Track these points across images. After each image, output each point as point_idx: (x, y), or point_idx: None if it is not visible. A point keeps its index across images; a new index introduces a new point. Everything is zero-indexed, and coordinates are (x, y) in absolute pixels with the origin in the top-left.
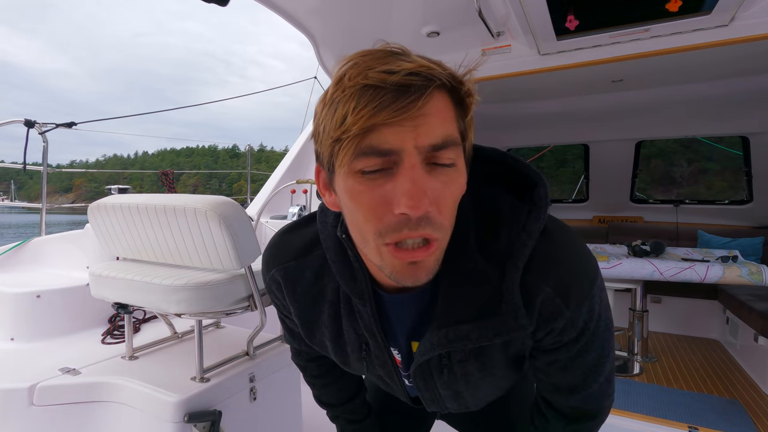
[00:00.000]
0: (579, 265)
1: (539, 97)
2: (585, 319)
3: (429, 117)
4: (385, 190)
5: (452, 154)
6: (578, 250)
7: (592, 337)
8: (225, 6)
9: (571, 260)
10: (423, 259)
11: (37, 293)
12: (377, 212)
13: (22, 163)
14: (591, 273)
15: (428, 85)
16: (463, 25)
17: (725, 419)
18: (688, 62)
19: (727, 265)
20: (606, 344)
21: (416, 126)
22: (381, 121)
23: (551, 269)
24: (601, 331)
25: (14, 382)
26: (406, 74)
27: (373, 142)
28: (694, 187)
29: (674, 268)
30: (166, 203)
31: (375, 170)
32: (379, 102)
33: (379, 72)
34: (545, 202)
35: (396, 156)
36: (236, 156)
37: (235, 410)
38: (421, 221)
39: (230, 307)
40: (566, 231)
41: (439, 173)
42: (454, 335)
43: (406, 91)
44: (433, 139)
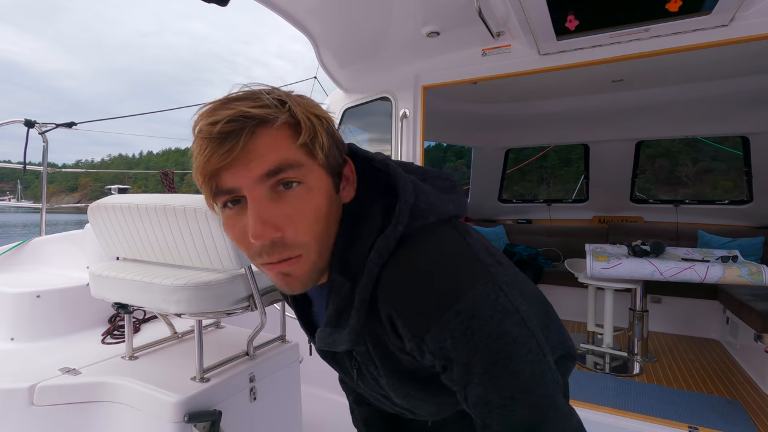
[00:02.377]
0: (427, 287)
1: (539, 97)
2: (443, 347)
3: (256, 151)
4: (243, 224)
5: (295, 174)
6: (435, 271)
7: (472, 370)
8: (225, 6)
9: (418, 281)
10: (289, 270)
11: (37, 293)
12: (243, 242)
13: (16, 162)
14: (445, 297)
15: (244, 127)
16: (463, 25)
17: (725, 419)
18: (688, 62)
19: (727, 265)
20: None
21: (248, 162)
22: (215, 166)
23: (395, 289)
24: (487, 365)
25: (14, 382)
26: (226, 122)
27: (218, 185)
28: (699, 186)
29: (674, 268)
30: (166, 203)
31: (235, 207)
32: (208, 150)
33: (206, 124)
34: (398, 220)
35: (239, 193)
36: None
37: (235, 410)
38: (275, 246)
39: (230, 307)
40: (432, 247)
41: (287, 197)
42: (321, 335)
43: (227, 137)
44: (263, 168)
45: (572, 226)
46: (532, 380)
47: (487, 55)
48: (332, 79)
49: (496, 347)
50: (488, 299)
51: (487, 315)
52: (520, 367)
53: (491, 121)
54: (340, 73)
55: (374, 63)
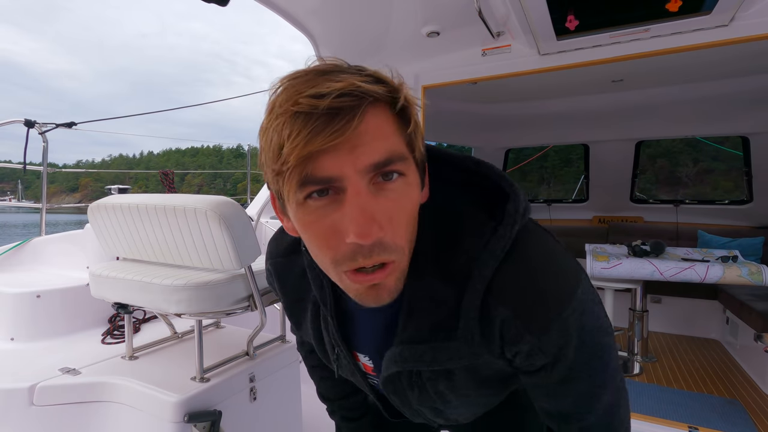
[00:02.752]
0: (546, 286)
1: (539, 97)
2: (558, 344)
3: (366, 136)
4: (333, 220)
5: (399, 168)
6: (549, 269)
7: (575, 366)
8: (225, 6)
9: (536, 280)
10: (382, 281)
11: (37, 293)
12: (330, 242)
13: (17, 163)
14: (562, 295)
15: (360, 104)
16: (463, 25)
17: (725, 419)
18: (688, 62)
19: (727, 265)
20: (597, 375)
21: (353, 148)
22: (317, 149)
23: (512, 290)
24: (587, 359)
25: (14, 382)
26: (336, 96)
27: (312, 172)
28: (699, 187)
29: (674, 268)
30: (166, 203)
31: (321, 199)
32: (312, 129)
33: (308, 97)
34: (515, 219)
35: (338, 182)
36: (241, 156)
37: (235, 410)
38: (374, 248)
39: (230, 307)
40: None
41: (387, 191)
42: (409, 354)
43: (337, 113)
44: (374, 158)
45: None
46: (616, 366)
47: (487, 55)
48: None
49: (597, 340)
50: (589, 294)
51: (590, 309)
52: (610, 355)
53: (491, 121)
54: None
55: (374, 63)
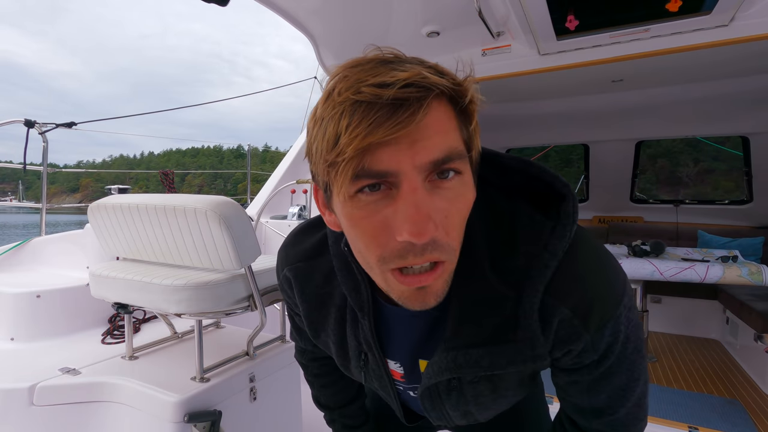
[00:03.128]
0: (603, 284)
1: (539, 97)
2: (609, 341)
3: (427, 131)
4: (385, 216)
5: (457, 166)
6: (604, 268)
7: (617, 360)
8: (225, 6)
9: (594, 279)
10: (430, 283)
11: (37, 293)
12: (379, 239)
13: (18, 163)
14: (617, 293)
15: (426, 96)
16: (463, 25)
17: (725, 419)
18: (688, 62)
19: (727, 265)
20: (635, 367)
21: (413, 142)
22: (377, 140)
23: (572, 289)
24: (629, 353)
25: (14, 382)
26: (402, 86)
27: (369, 165)
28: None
29: (674, 268)
30: (166, 203)
31: (373, 194)
32: (374, 119)
33: (371, 86)
34: (573, 218)
35: (394, 177)
36: (241, 156)
37: (235, 410)
38: (427, 246)
39: (230, 307)
40: (593, 246)
41: (443, 190)
42: (464, 360)
43: (401, 105)
44: (434, 155)
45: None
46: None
47: (487, 55)
48: None
49: (638, 334)
50: (631, 292)
51: (633, 306)
52: (644, 351)
53: (491, 121)
54: None
55: None
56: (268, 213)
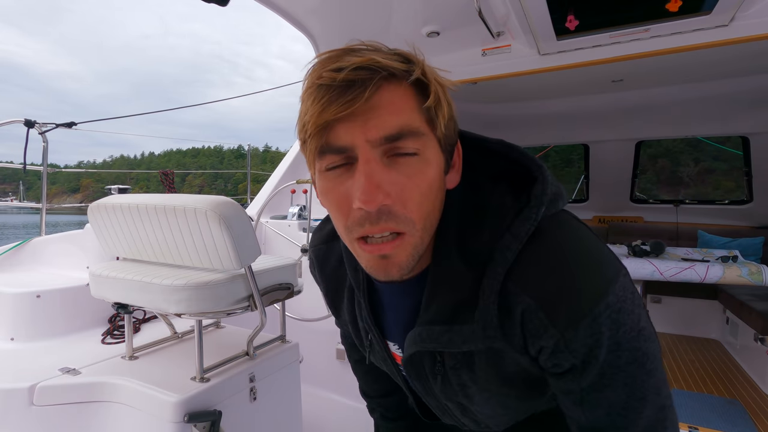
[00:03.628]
0: (576, 276)
1: (539, 97)
2: (588, 343)
3: (379, 109)
4: (347, 187)
5: (414, 143)
6: (582, 259)
7: (609, 371)
8: (225, 6)
9: (566, 269)
10: (391, 252)
11: (37, 293)
12: (343, 208)
13: (19, 163)
14: (595, 288)
15: (373, 78)
16: (463, 25)
17: (725, 419)
18: (688, 62)
19: (727, 265)
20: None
21: (366, 120)
22: (331, 117)
23: (536, 277)
24: (622, 364)
25: (14, 382)
26: (352, 69)
27: (329, 140)
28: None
29: (674, 268)
30: (166, 203)
31: (337, 167)
32: (327, 98)
33: (329, 71)
34: (541, 201)
35: (352, 152)
36: (241, 156)
37: (235, 410)
38: (381, 215)
39: (230, 307)
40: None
41: (400, 165)
42: (427, 335)
43: (351, 85)
44: (385, 130)
45: None
46: (662, 380)
47: (487, 55)
48: None
49: (637, 344)
50: (629, 292)
51: (629, 309)
52: (654, 366)
53: (491, 121)
54: None
55: None
56: (268, 213)
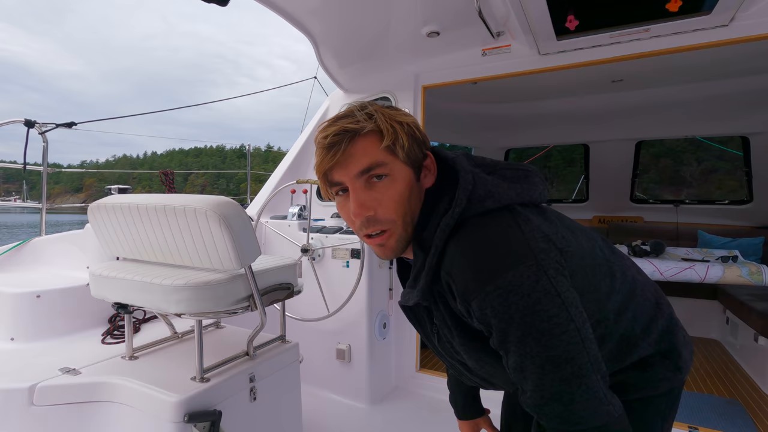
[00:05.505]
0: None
1: (539, 97)
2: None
3: (354, 155)
4: (348, 208)
5: (381, 170)
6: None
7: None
8: (225, 6)
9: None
10: (383, 242)
11: (37, 293)
12: (350, 220)
13: (22, 163)
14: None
15: (343, 139)
16: (463, 25)
17: (725, 419)
18: (688, 62)
19: (727, 265)
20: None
21: (347, 164)
22: (327, 167)
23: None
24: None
25: (14, 382)
26: (333, 135)
27: (331, 178)
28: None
29: (674, 268)
30: (166, 203)
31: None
32: (321, 155)
33: (320, 137)
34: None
35: (345, 185)
36: (244, 156)
37: (235, 410)
38: (370, 222)
39: (230, 307)
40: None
41: (376, 186)
42: (402, 293)
43: (333, 146)
44: (359, 167)
45: None
46: (563, 358)
47: (487, 55)
48: (332, 79)
49: (530, 320)
50: (528, 280)
51: (524, 292)
52: (552, 342)
53: (491, 121)
54: (340, 73)
55: (374, 63)
56: (268, 213)
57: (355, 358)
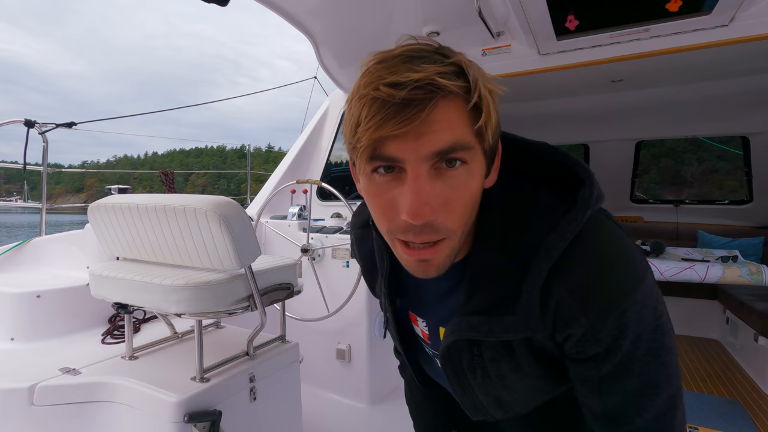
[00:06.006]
0: (610, 272)
1: (539, 97)
2: (613, 334)
3: (433, 125)
4: (394, 195)
5: (463, 155)
6: (616, 257)
7: (627, 360)
8: (224, 6)
9: (600, 264)
10: (431, 256)
11: (37, 293)
12: (387, 214)
13: (22, 163)
14: (626, 285)
15: (432, 97)
16: (463, 25)
17: (725, 419)
18: (688, 62)
19: (727, 265)
20: (651, 373)
21: (419, 136)
22: (386, 134)
23: (575, 273)
24: (640, 354)
25: (14, 382)
26: (412, 88)
27: (381, 152)
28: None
29: (674, 268)
30: (166, 203)
31: (386, 174)
32: (384, 116)
33: (386, 85)
34: (587, 204)
35: (401, 164)
36: (245, 156)
37: (235, 410)
38: (425, 228)
39: (230, 307)
40: (610, 235)
41: (447, 177)
42: (466, 324)
43: (409, 104)
44: (437, 146)
45: None
46: (674, 371)
47: (487, 55)
48: (332, 79)
49: (655, 337)
50: (653, 290)
51: (651, 305)
52: (667, 358)
53: None
54: (340, 73)
55: None
56: (268, 213)
57: (355, 358)
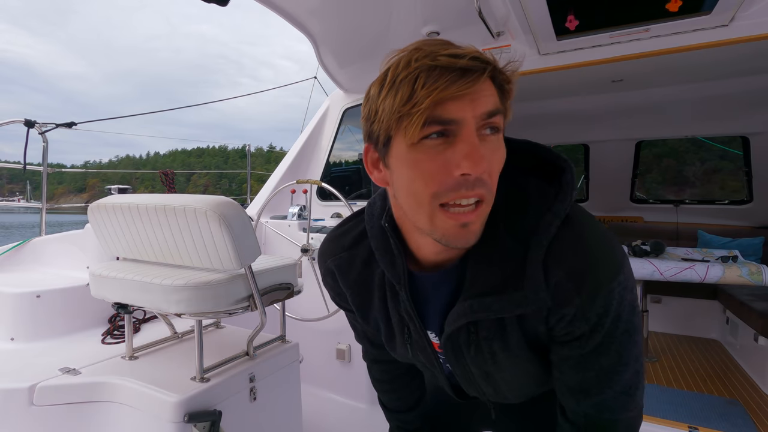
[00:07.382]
0: (598, 254)
1: (539, 97)
2: (599, 313)
3: (483, 92)
4: (445, 157)
5: (500, 121)
6: (601, 241)
7: (607, 338)
8: (224, 6)
9: (590, 248)
10: (472, 219)
11: (37, 293)
12: (437, 177)
13: (22, 163)
14: (612, 266)
15: (486, 68)
16: (463, 25)
17: (725, 419)
18: (688, 62)
19: (727, 265)
20: (625, 351)
21: (473, 99)
22: (450, 95)
23: (568, 255)
24: (619, 333)
25: (14, 382)
26: (470, 58)
27: (438, 114)
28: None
29: (674, 268)
30: (166, 203)
31: (438, 139)
32: (448, 79)
33: (446, 56)
34: (571, 187)
35: (455, 126)
36: (246, 156)
37: (235, 410)
38: (477, 182)
39: (230, 307)
40: (591, 221)
41: (487, 141)
42: (478, 306)
43: (468, 71)
44: (487, 107)
45: None
46: (641, 349)
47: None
48: (332, 79)
49: (631, 317)
50: (631, 275)
51: (631, 287)
52: (638, 337)
53: None
54: (340, 73)
55: (374, 63)
56: (268, 213)
57: (355, 358)
